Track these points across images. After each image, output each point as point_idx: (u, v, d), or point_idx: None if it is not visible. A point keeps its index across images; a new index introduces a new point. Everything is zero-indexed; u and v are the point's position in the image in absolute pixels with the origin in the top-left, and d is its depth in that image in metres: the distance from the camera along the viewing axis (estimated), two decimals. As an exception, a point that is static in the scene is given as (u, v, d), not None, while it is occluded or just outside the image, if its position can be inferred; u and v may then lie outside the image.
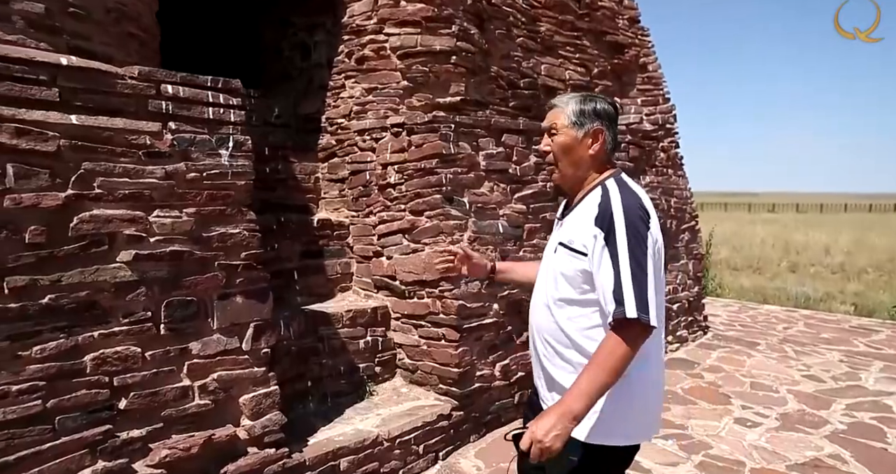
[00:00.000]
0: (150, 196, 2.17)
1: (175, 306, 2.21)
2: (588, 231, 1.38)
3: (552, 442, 1.27)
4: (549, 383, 1.54)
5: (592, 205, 1.42)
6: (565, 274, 1.43)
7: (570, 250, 1.42)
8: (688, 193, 5.46)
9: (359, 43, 3.68)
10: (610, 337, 1.33)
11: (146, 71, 2.19)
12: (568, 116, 1.48)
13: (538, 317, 1.54)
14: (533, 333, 1.59)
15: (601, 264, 1.34)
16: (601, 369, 1.30)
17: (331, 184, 3.83)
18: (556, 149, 1.49)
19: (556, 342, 1.48)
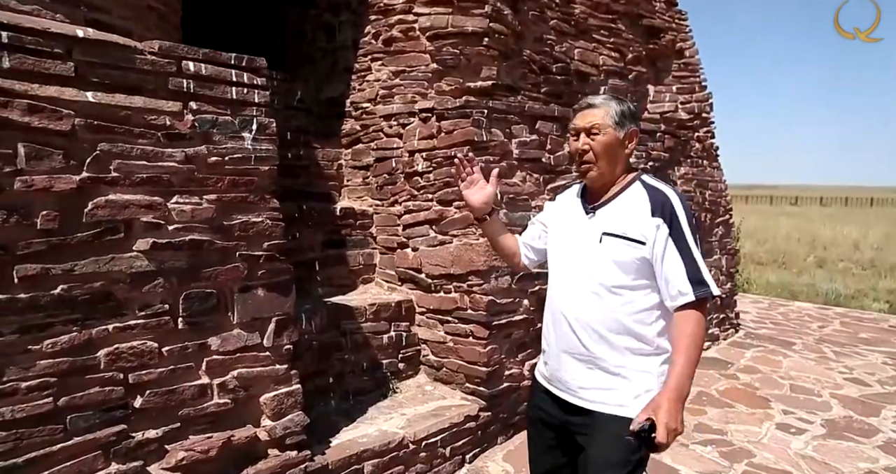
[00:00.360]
0: (170, 181, 2.03)
1: (194, 299, 2.08)
2: (647, 222, 1.45)
3: (681, 426, 1.36)
4: (588, 373, 1.53)
5: (640, 199, 1.50)
6: (620, 261, 1.47)
7: (626, 239, 1.46)
8: (723, 185, 5.22)
9: (386, 23, 3.50)
10: (691, 316, 1.42)
11: (167, 46, 2.04)
12: (612, 117, 1.52)
13: (580, 305, 1.53)
14: (566, 322, 1.56)
15: (666, 251, 1.43)
16: (696, 347, 1.41)
17: (354, 172, 3.67)
18: (599, 149, 1.52)
19: (606, 329, 1.49)
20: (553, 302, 1.62)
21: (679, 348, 1.42)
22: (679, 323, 1.44)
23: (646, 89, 4.96)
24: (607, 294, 1.49)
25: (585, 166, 1.55)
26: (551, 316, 1.63)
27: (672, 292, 1.44)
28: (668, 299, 1.46)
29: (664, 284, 1.46)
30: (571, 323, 1.54)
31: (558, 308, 1.58)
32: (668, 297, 1.46)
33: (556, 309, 1.59)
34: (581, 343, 1.53)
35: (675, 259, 1.43)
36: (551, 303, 1.64)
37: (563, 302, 1.57)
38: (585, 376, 1.53)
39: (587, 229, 1.55)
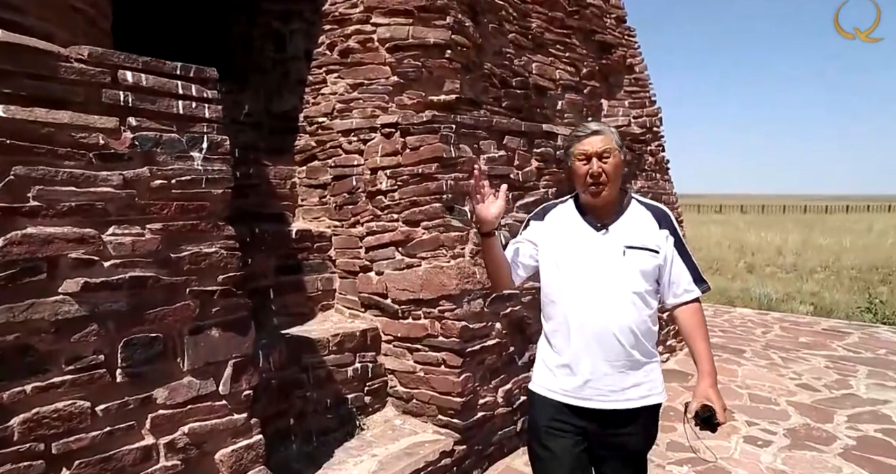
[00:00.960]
0: (104, 209, 1.72)
1: (135, 346, 1.76)
2: (658, 233, 1.67)
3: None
4: (623, 376, 1.64)
5: (644, 215, 1.71)
6: (644, 270, 1.64)
7: (647, 250, 1.64)
8: (674, 198, 5.29)
9: (342, 33, 3.27)
10: (698, 309, 1.71)
11: (99, 53, 1.73)
12: (616, 141, 1.66)
13: (617, 313, 1.63)
14: (608, 331, 1.63)
15: (674, 258, 1.68)
16: (707, 335, 1.71)
17: (310, 191, 3.40)
18: (612, 171, 1.64)
19: (639, 331, 1.64)
20: (579, 315, 1.66)
21: (698, 337, 1.67)
22: (689, 315, 1.69)
23: (600, 104, 4.95)
24: (637, 300, 1.63)
25: (600, 187, 1.64)
26: (578, 329, 1.66)
27: (678, 291, 1.68)
28: (671, 297, 1.69)
29: (670, 285, 1.68)
30: (615, 331, 1.62)
31: (591, 320, 1.64)
32: (672, 296, 1.69)
33: (589, 321, 1.64)
34: (624, 347, 1.62)
35: (681, 263, 1.68)
36: (576, 316, 1.67)
37: (597, 313, 1.63)
38: (622, 379, 1.64)
39: (604, 244, 1.66)
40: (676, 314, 1.71)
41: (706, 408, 1.57)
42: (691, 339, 1.68)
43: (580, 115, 4.64)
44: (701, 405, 1.58)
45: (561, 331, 1.70)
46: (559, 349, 1.70)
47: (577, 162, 1.67)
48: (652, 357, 1.69)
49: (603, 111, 4.99)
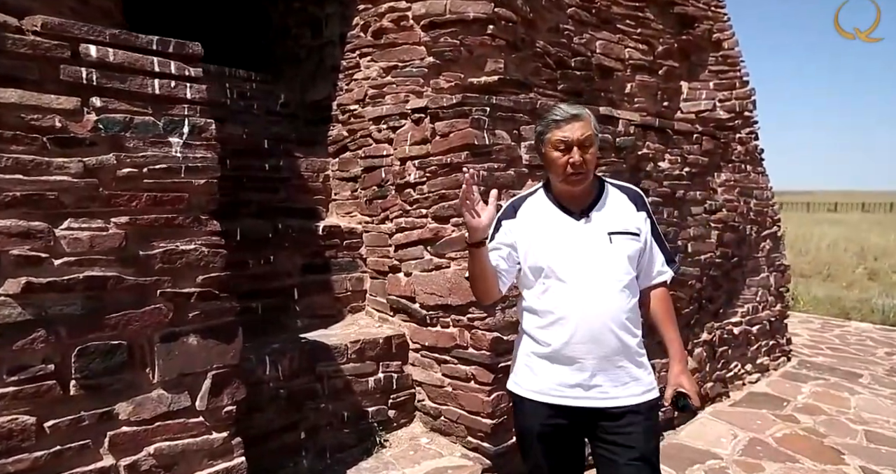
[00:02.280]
0: (58, 200, 1.52)
1: (92, 354, 1.56)
2: (637, 216, 1.62)
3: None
4: (619, 372, 1.55)
5: (620, 198, 1.64)
6: (630, 255, 1.57)
7: (630, 234, 1.57)
8: (769, 193, 4.54)
9: (376, 12, 2.98)
10: (666, 292, 1.68)
11: (57, 23, 1.54)
12: (595, 127, 1.56)
13: (611, 304, 1.54)
14: (603, 325, 1.54)
15: (652, 239, 1.63)
16: (675, 319, 1.71)
17: (342, 184, 3.15)
18: (592, 160, 1.55)
19: (629, 322, 1.56)
20: (572, 310, 1.54)
21: (668, 321, 1.66)
22: (661, 299, 1.66)
23: (678, 86, 4.32)
24: (626, 288, 1.56)
25: (579, 177, 1.54)
26: (571, 325, 1.54)
27: (653, 273, 1.63)
28: (647, 280, 1.64)
29: (647, 269, 1.63)
30: (610, 324, 1.53)
31: (585, 314, 1.53)
32: (647, 279, 1.64)
33: (583, 316, 1.53)
34: (620, 340, 1.54)
35: (656, 246, 1.64)
36: (568, 311, 1.55)
37: (591, 306, 1.53)
38: (622, 374, 1.55)
39: (587, 233, 1.57)
40: (649, 298, 1.65)
41: (681, 395, 1.58)
42: (664, 324, 1.65)
43: (653, 98, 4.07)
44: (675, 392, 1.58)
45: (552, 328, 1.57)
46: (552, 348, 1.57)
47: (555, 151, 1.54)
48: (643, 347, 1.61)
49: (682, 94, 4.36)
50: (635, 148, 3.08)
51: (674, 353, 1.62)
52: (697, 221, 3.68)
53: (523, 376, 1.64)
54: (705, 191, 3.80)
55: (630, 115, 3.15)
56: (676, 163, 3.47)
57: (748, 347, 4.20)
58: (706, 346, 3.87)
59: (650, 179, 3.20)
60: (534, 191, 1.72)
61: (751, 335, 4.24)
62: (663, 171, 3.32)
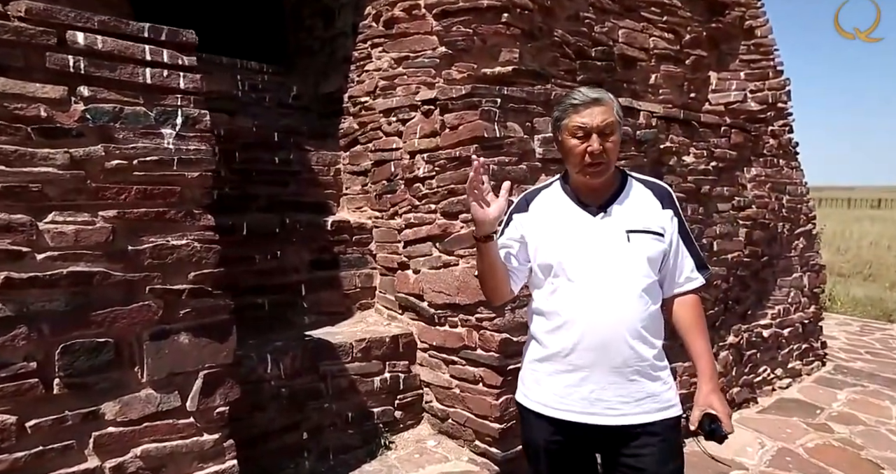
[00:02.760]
0: (42, 192, 1.47)
1: (77, 352, 1.50)
2: (661, 214, 1.45)
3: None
4: (632, 385, 1.38)
5: (645, 193, 1.47)
6: (651, 257, 1.41)
7: (652, 234, 1.42)
8: (803, 189, 4.29)
9: (387, 1, 2.88)
10: (697, 300, 1.48)
11: (41, 8, 1.49)
12: (618, 112, 1.41)
13: (626, 310, 1.39)
14: (616, 332, 1.37)
15: (679, 241, 1.46)
16: (707, 330, 1.47)
17: (353, 178, 3.06)
18: (614, 149, 1.40)
19: (646, 330, 1.40)
20: (581, 315, 1.39)
21: (697, 333, 1.45)
22: (689, 308, 1.47)
23: (706, 76, 4.11)
24: (645, 293, 1.40)
25: (598, 168, 1.38)
26: (580, 331, 1.39)
27: (680, 279, 1.46)
28: (671, 286, 1.46)
29: (672, 273, 1.46)
30: (623, 332, 1.37)
31: (596, 320, 1.38)
32: (673, 285, 1.46)
33: (593, 321, 1.38)
34: (634, 350, 1.38)
35: (684, 248, 1.47)
36: (577, 316, 1.40)
37: (602, 311, 1.38)
38: (634, 388, 1.39)
39: (604, 230, 1.42)
40: (674, 306, 1.47)
41: (710, 418, 1.36)
42: (692, 337, 1.45)
43: (679, 90, 3.87)
44: (704, 414, 1.37)
45: (559, 334, 1.43)
46: (557, 355, 1.43)
47: (572, 138, 1.38)
48: (663, 360, 1.44)
49: (711, 85, 4.15)
50: (657, 141, 2.91)
51: (703, 370, 1.42)
52: (724, 218, 3.48)
53: (529, 385, 1.51)
54: (733, 187, 3.60)
55: (653, 107, 2.98)
56: (702, 157, 3.28)
57: (779, 351, 3.98)
58: (732, 349, 3.67)
59: (673, 174, 3.03)
60: (549, 183, 1.57)
61: (781, 338, 4.01)
62: (688, 166, 3.14)
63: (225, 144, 2.80)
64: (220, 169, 2.78)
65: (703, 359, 1.41)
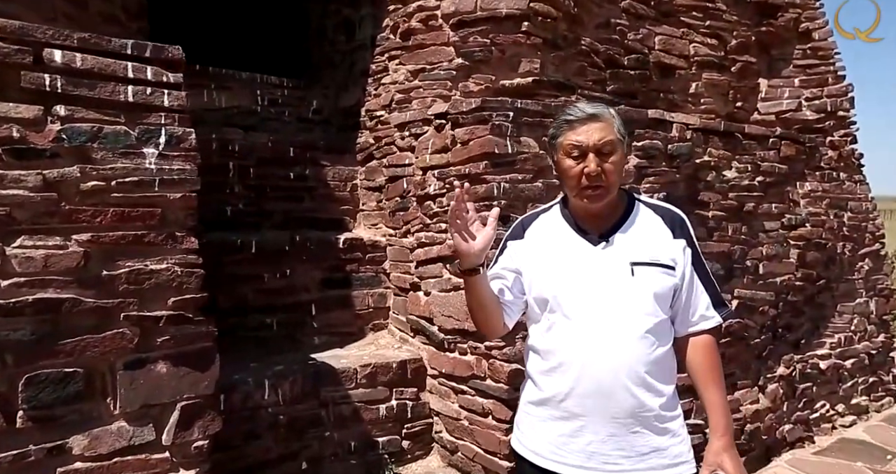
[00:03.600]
0: (10, 216, 1.40)
1: (43, 383, 1.42)
2: (673, 244, 1.28)
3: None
4: (633, 438, 1.22)
5: (653, 220, 1.31)
6: (658, 293, 1.24)
7: (660, 267, 1.25)
8: (868, 205, 3.85)
9: (405, 13, 2.76)
10: (711, 342, 1.30)
11: (17, 26, 1.43)
12: (619, 130, 1.25)
13: (627, 352, 1.22)
14: (609, 378, 1.21)
15: (693, 274, 1.29)
16: (723, 377, 1.30)
17: (368, 194, 2.95)
18: (614, 171, 1.23)
19: (657, 377, 1.23)
20: (577, 357, 1.24)
21: (713, 381, 1.27)
22: (702, 350, 1.29)
23: (756, 84, 3.77)
24: (651, 333, 1.24)
25: (598, 191, 1.23)
26: (575, 375, 1.24)
27: (693, 317, 1.29)
28: (683, 325, 1.30)
29: (684, 311, 1.29)
30: (623, 377, 1.22)
31: (593, 363, 1.23)
32: (686, 324, 1.29)
33: (589, 365, 1.23)
34: (637, 398, 1.22)
35: (699, 283, 1.30)
36: (573, 358, 1.24)
37: (600, 354, 1.22)
38: (637, 441, 1.23)
39: (605, 261, 1.27)
40: (688, 348, 1.30)
41: None
42: (704, 384, 1.27)
43: (724, 99, 3.57)
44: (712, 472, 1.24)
45: (554, 377, 1.27)
46: (551, 399, 1.28)
47: (567, 158, 1.24)
48: (673, 409, 1.27)
49: (760, 92, 3.81)
50: (693, 155, 2.64)
51: (715, 423, 1.25)
52: (772, 238, 3.14)
53: (524, 430, 1.35)
54: (783, 204, 3.25)
55: (688, 119, 2.71)
56: (746, 171, 2.97)
57: (840, 384, 3.56)
58: (783, 382, 3.30)
59: (711, 190, 2.74)
60: (549, 207, 1.42)
61: (843, 370, 3.59)
62: (729, 182, 2.85)
63: (240, 160, 2.76)
64: (235, 185, 2.74)
65: (716, 411, 1.25)
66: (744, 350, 3.02)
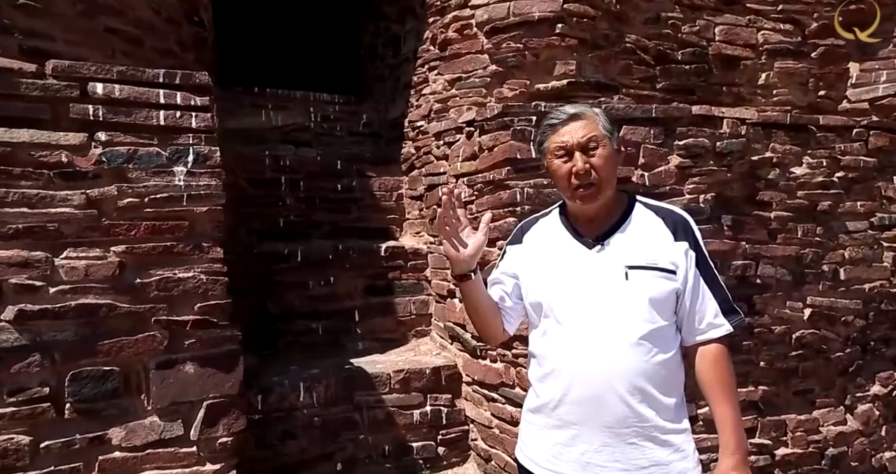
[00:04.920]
0: (59, 231, 1.57)
1: (85, 379, 1.57)
2: (673, 247, 1.21)
3: None
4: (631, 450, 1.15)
5: (653, 221, 1.24)
6: (655, 298, 1.17)
7: (657, 270, 1.18)
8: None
9: (442, 23, 2.77)
10: (723, 352, 1.21)
11: (66, 65, 1.61)
12: (604, 125, 1.22)
13: (621, 360, 1.15)
14: (602, 387, 1.16)
15: (699, 279, 1.21)
16: (735, 392, 1.21)
17: (412, 203, 2.98)
18: (603, 166, 1.19)
19: (656, 387, 1.16)
20: (571, 364, 1.20)
21: (722, 393, 1.18)
22: (710, 361, 1.20)
23: (844, 69, 3.36)
24: (647, 340, 1.17)
25: (590, 190, 1.19)
26: (568, 382, 1.19)
27: (701, 325, 1.21)
28: (689, 333, 1.21)
29: (690, 318, 1.21)
30: (617, 386, 1.16)
31: (586, 370, 1.18)
32: (693, 332, 1.21)
33: (582, 372, 1.18)
34: (632, 408, 1.16)
35: (706, 288, 1.22)
36: (567, 365, 1.20)
37: (593, 361, 1.17)
38: (634, 453, 1.17)
39: (599, 265, 1.22)
40: (696, 358, 1.22)
41: None
42: (712, 396, 1.19)
43: (802, 88, 3.23)
44: None
45: (548, 383, 1.24)
46: (546, 406, 1.24)
47: (555, 159, 1.21)
48: (678, 421, 1.19)
49: (850, 78, 3.39)
50: (747, 152, 2.39)
51: (725, 440, 1.16)
52: (858, 240, 2.76)
53: (524, 439, 1.31)
54: (872, 202, 2.85)
55: (742, 113, 2.46)
56: (820, 167, 2.63)
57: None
58: (878, 403, 2.88)
59: (774, 189, 2.47)
60: (549, 211, 1.38)
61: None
62: (797, 179, 2.54)
63: (291, 174, 2.90)
64: (287, 198, 2.89)
65: (727, 427, 1.16)
66: (823, 364, 2.68)
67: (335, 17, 3.98)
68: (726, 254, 2.34)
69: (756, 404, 2.56)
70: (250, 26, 3.82)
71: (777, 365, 2.54)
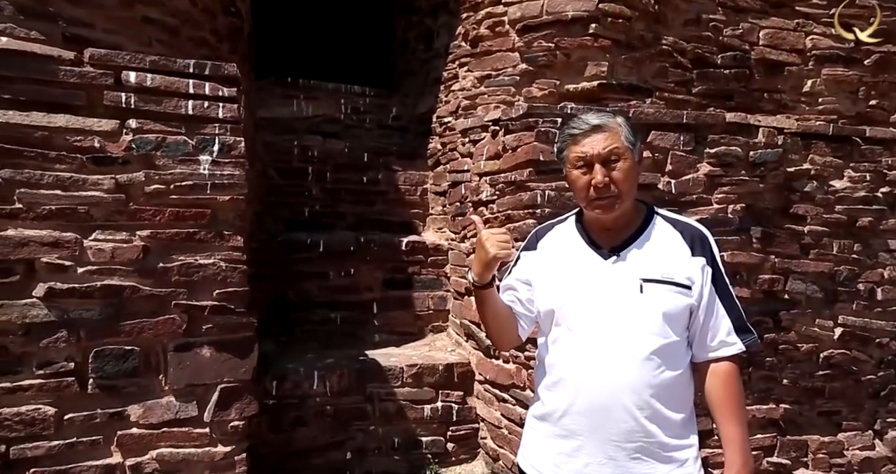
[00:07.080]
0: (88, 213, 1.63)
1: (107, 357, 1.63)
2: (690, 262, 1.19)
3: None
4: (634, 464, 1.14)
5: (671, 235, 1.21)
6: (669, 312, 1.15)
7: (673, 285, 1.16)
8: None
9: (475, 20, 2.75)
10: (733, 371, 1.19)
11: (102, 54, 1.66)
12: (627, 137, 1.19)
13: (631, 374, 1.14)
14: (610, 400, 1.14)
15: (714, 295, 1.19)
16: (744, 411, 1.21)
17: (436, 198, 2.98)
18: (623, 179, 1.16)
19: (658, 400, 1.14)
20: (579, 376, 1.18)
21: (731, 413, 1.17)
22: (721, 379, 1.18)
23: (898, 76, 3.19)
24: (659, 355, 1.16)
25: (608, 201, 1.17)
26: (575, 394, 1.18)
27: (713, 342, 1.18)
28: (704, 351, 1.19)
29: (702, 335, 1.19)
30: (625, 400, 1.14)
31: (594, 383, 1.16)
32: (704, 349, 1.19)
33: (590, 385, 1.17)
34: (639, 423, 1.15)
35: (720, 305, 1.19)
36: (575, 377, 1.19)
37: (602, 374, 1.16)
38: (639, 469, 1.15)
39: (614, 277, 1.20)
40: (707, 376, 1.20)
41: None
42: (720, 416, 1.18)
43: (852, 97, 3.10)
44: None
45: (555, 391, 1.22)
46: (551, 415, 1.22)
47: (574, 170, 1.19)
48: (684, 436, 1.18)
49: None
50: (783, 162, 2.30)
51: (730, 459, 1.15)
52: (898, 260, 2.63)
53: (527, 444, 1.30)
54: (917, 220, 2.70)
55: (780, 122, 2.36)
56: (863, 181, 2.51)
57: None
58: (912, 429, 2.76)
59: (810, 202, 2.37)
60: (565, 218, 1.36)
61: None
62: (836, 192, 2.43)
63: (318, 165, 2.93)
64: (313, 188, 2.93)
65: (732, 446, 1.15)
66: (852, 386, 2.57)
67: (369, 10, 3.99)
68: (753, 267, 2.26)
69: (776, 422, 2.48)
70: (286, 17, 3.86)
71: (801, 383, 2.45)
